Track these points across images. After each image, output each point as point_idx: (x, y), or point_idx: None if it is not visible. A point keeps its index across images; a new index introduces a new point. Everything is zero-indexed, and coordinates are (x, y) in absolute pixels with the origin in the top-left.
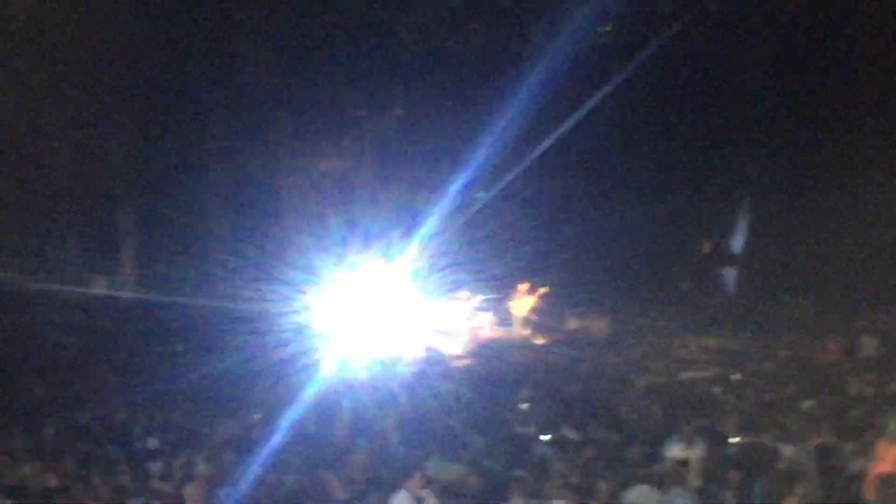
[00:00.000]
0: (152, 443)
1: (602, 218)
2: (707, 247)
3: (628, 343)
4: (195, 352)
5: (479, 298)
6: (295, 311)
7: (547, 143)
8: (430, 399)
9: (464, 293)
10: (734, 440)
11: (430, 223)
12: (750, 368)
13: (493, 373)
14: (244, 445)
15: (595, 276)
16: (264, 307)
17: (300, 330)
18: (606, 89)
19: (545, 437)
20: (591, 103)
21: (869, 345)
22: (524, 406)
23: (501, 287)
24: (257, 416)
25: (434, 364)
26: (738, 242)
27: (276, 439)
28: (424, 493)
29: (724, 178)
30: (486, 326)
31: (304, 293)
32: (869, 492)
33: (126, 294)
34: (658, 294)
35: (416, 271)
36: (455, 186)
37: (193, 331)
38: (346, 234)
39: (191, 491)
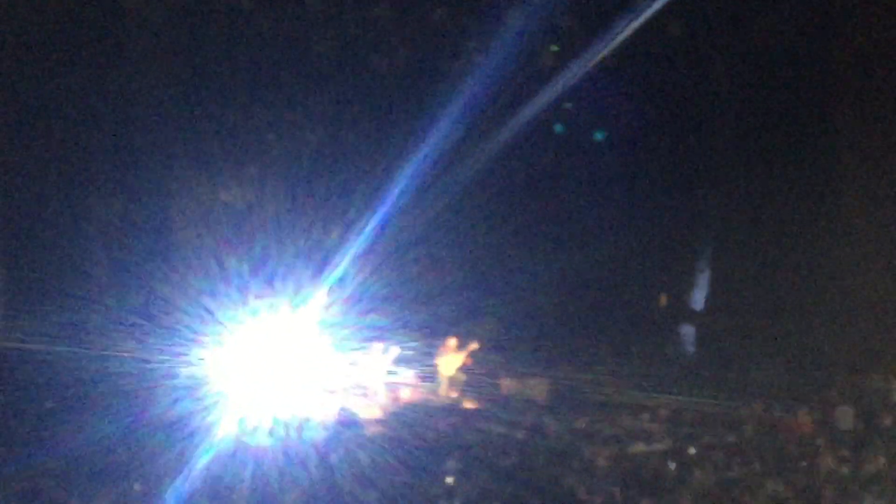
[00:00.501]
0: None
1: (543, 263)
2: (663, 300)
3: (571, 408)
4: (68, 411)
5: (399, 352)
6: (187, 365)
7: (479, 174)
8: (342, 469)
9: (381, 346)
10: None
11: (343, 264)
12: (709, 441)
13: (415, 440)
14: None
15: (533, 329)
16: (150, 360)
17: (192, 386)
18: (549, 115)
19: None
20: (530, 131)
21: (845, 416)
22: (450, 480)
23: (426, 340)
24: (138, 488)
25: (347, 428)
26: (699, 296)
27: None
28: None
29: (684, 222)
30: (407, 385)
31: (198, 343)
32: None
33: None
34: (605, 353)
35: (327, 320)
36: (373, 222)
37: (66, 387)
38: (248, 276)
39: None
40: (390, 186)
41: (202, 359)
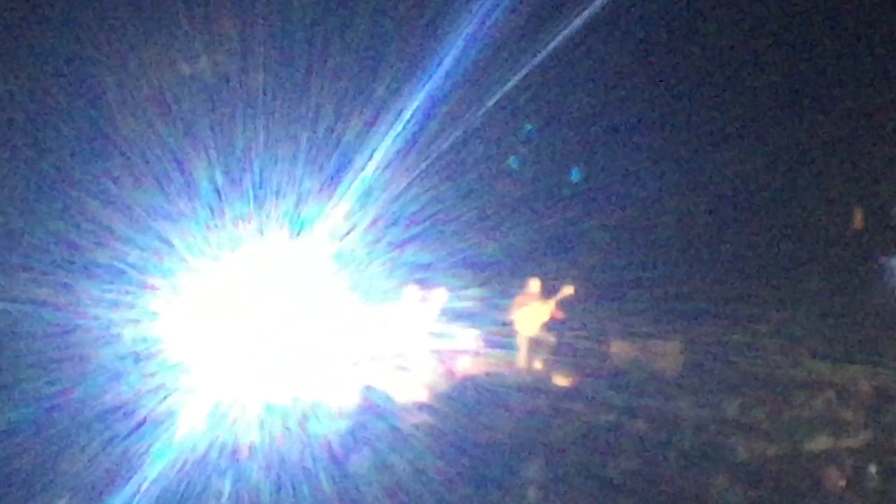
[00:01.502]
0: None
1: (665, 168)
2: (858, 217)
3: (713, 385)
4: None
5: (452, 302)
6: (135, 322)
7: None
8: (367, 482)
9: (426, 292)
10: None
11: (369, 166)
12: None
13: (479, 437)
14: None
15: (655, 265)
16: (85, 315)
17: (143, 354)
18: None
19: None
20: None
21: None
22: (534, 494)
23: (493, 283)
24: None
25: (376, 420)
26: None
27: None
28: None
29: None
30: (466, 353)
31: (153, 292)
32: None
33: None
34: (766, 296)
35: (344, 252)
36: (413, 103)
37: None
38: (223, 190)
39: None
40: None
41: (159, 313)
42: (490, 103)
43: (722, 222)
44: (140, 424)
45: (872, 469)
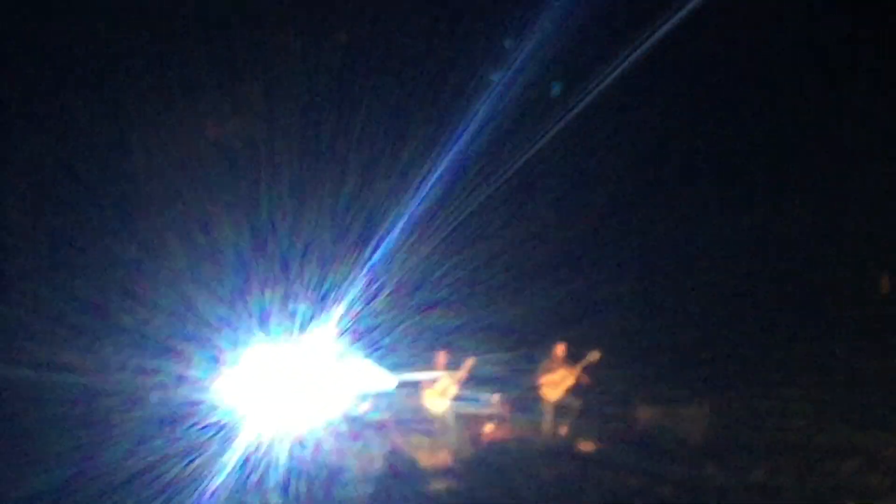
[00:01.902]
0: None
1: (692, 231)
2: (885, 282)
3: (747, 454)
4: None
5: (477, 367)
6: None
7: None
8: None
9: (452, 357)
10: None
11: (394, 235)
12: None
13: (503, 502)
14: None
15: (681, 329)
16: (111, 380)
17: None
18: None
19: None
20: None
21: None
22: None
23: (517, 348)
24: None
25: (402, 485)
26: None
27: None
28: None
29: None
30: (491, 417)
31: (178, 356)
32: None
33: None
34: (794, 361)
35: (366, 320)
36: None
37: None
38: (249, 256)
39: None
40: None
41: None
42: (516, 166)
43: (750, 286)
44: (166, 488)
45: None
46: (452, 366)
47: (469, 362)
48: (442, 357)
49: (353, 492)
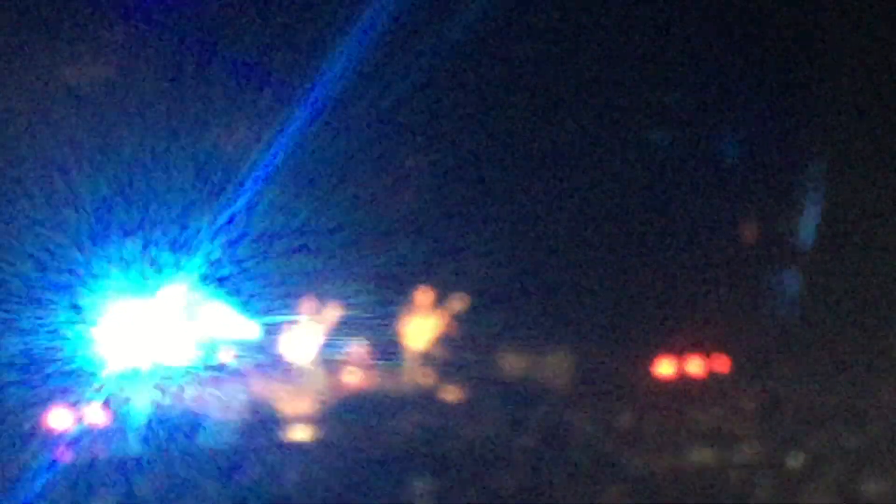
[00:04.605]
0: None
1: (558, 174)
2: (746, 231)
3: (605, 396)
4: None
5: (338, 313)
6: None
7: None
8: (254, 495)
9: (310, 303)
10: None
11: (255, 180)
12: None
13: (366, 449)
14: None
15: (550, 275)
16: None
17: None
18: None
19: None
20: None
21: None
22: None
23: (379, 292)
24: None
25: (262, 435)
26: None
27: None
28: None
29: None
30: (353, 366)
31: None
32: None
33: None
34: (665, 303)
35: (230, 265)
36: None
37: None
38: (107, 202)
39: None
40: None
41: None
42: (382, 108)
43: (616, 228)
44: (21, 439)
45: (763, 481)
46: (315, 313)
47: (332, 309)
48: (305, 304)
49: (214, 441)
